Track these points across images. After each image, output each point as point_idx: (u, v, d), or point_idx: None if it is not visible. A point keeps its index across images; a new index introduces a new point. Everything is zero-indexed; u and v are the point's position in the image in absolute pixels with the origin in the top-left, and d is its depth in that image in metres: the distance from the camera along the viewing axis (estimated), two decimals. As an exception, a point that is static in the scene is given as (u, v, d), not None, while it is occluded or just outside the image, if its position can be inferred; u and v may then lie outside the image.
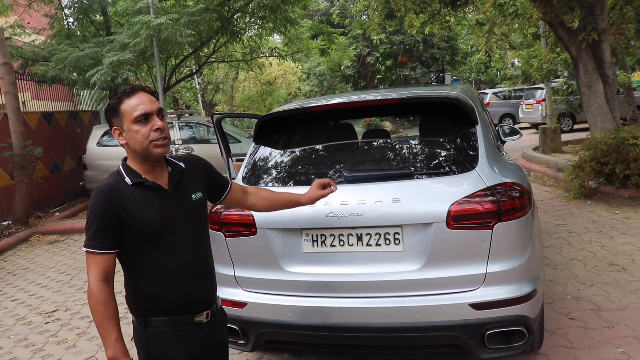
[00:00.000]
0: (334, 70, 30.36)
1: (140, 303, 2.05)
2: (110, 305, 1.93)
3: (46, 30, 13.54)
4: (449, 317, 2.76)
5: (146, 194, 2.00)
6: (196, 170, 2.19)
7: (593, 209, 7.34)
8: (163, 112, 2.01)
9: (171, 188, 2.05)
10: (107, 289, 1.94)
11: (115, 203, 1.95)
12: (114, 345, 1.90)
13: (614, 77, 9.30)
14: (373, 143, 3.78)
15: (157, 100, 2.04)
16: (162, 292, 2.01)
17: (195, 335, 2.06)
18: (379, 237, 2.86)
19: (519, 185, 2.90)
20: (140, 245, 1.99)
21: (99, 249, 1.95)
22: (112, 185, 1.99)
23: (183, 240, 2.03)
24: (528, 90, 20.93)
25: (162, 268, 2.00)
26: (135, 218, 1.95)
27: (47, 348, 4.47)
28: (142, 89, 2.01)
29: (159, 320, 2.02)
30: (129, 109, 1.96)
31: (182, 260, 2.02)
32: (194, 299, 2.07)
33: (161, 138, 1.96)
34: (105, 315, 1.91)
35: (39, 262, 7.53)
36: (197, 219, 2.10)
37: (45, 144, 10.73)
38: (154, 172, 2.04)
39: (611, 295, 4.36)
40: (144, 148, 1.96)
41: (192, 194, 2.10)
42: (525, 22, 12.61)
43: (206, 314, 2.09)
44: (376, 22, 12.57)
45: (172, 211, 2.01)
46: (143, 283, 2.03)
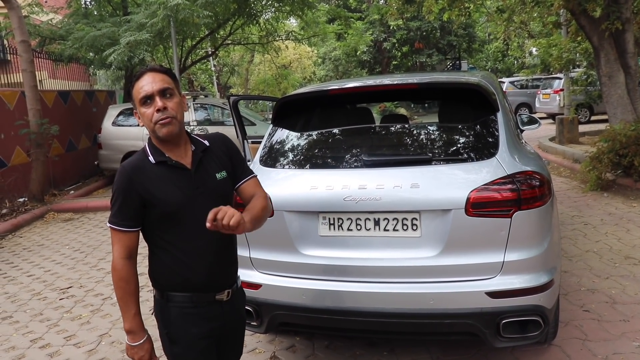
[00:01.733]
0: (349, 55, 30.14)
1: (163, 279, 2.07)
2: (132, 282, 2.01)
3: (63, 9, 13.56)
4: (465, 305, 2.75)
5: (169, 173, 1.99)
6: (220, 148, 2.15)
7: (610, 202, 7.26)
8: (169, 89, 1.96)
9: (194, 167, 2.03)
10: (129, 266, 2.01)
11: (138, 182, 1.96)
12: (132, 319, 2.01)
13: (636, 67, 9.13)
14: (391, 128, 3.75)
15: (170, 78, 2.00)
16: (185, 269, 2.02)
17: (216, 312, 2.08)
18: (397, 223, 2.84)
19: (539, 174, 2.86)
20: (163, 223, 2.00)
21: (122, 226, 1.99)
22: (135, 164, 1.99)
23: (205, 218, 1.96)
24: (545, 79, 20.66)
25: (185, 246, 2.01)
26: (157, 197, 1.96)
27: (61, 323, 4.52)
28: (152, 69, 1.99)
29: (181, 295, 2.04)
30: (136, 92, 1.97)
31: (206, 239, 2.00)
32: (216, 277, 2.07)
33: (163, 118, 1.93)
34: (126, 291, 2.00)
35: (53, 239, 7.61)
36: (221, 198, 2.06)
37: (61, 123, 10.79)
38: (178, 151, 2.02)
39: (627, 289, 4.32)
40: (151, 130, 1.97)
41: (217, 173, 2.08)
42: (546, 10, 12.38)
43: (227, 293, 2.10)
44: (394, 7, 12.46)
45: (195, 190, 2.00)
46: (166, 260, 2.04)
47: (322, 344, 3.74)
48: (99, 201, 9.79)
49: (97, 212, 9.31)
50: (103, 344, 4.08)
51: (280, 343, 3.83)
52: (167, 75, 2.00)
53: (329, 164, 3.24)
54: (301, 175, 3.14)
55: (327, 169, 3.17)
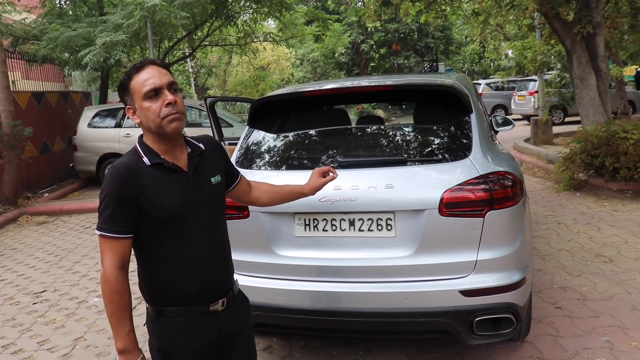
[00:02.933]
0: (327, 57, 30.24)
1: (155, 292, 1.94)
2: (126, 295, 1.83)
3: (37, 9, 13.35)
4: (439, 304, 2.79)
5: (165, 176, 1.87)
6: (215, 152, 2.07)
7: (582, 201, 7.41)
8: (176, 85, 1.88)
9: (191, 170, 1.92)
10: (123, 277, 1.84)
11: (134, 184, 1.82)
12: (126, 337, 1.83)
13: (607, 70, 9.33)
14: (367, 129, 3.78)
15: (169, 73, 1.90)
16: (178, 281, 1.89)
17: (211, 324, 1.96)
18: (372, 223, 2.87)
19: (511, 174, 2.91)
20: (156, 231, 1.87)
21: (115, 232, 1.81)
22: (130, 165, 1.85)
23: (202, 226, 1.92)
24: (521, 81, 20.97)
25: (178, 256, 1.88)
26: (153, 202, 1.83)
27: (35, 328, 4.46)
28: (152, 62, 1.88)
29: (173, 310, 1.91)
30: (138, 85, 1.83)
31: (200, 248, 1.91)
32: (210, 288, 1.95)
33: (173, 113, 1.82)
34: (120, 306, 1.81)
35: (27, 242, 7.50)
36: (217, 204, 1.99)
37: (35, 124, 10.62)
38: (173, 153, 1.91)
39: (597, 286, 4.41)
40: (157, 125, 1.84)
41: (212, 177, 1.99)
42: (521, 14, 12.57)
43: (222, 302, 1.98)
44: (372, 10, 12.52)
45: (192, 195, 1.90)
46: (158, 271, 1.91)
47: (299, 345, 3.76)
48: (74, 204, 9.66)
49: (72, 215, 9.19)
50: (78, 347, 4.04)
51: (257, 344, 3.81)
52: (168, 70, 1.92)
53: (304, 165, 3.25)
54: (277, 177, 3.14)
55: (303, 170, 3.17)
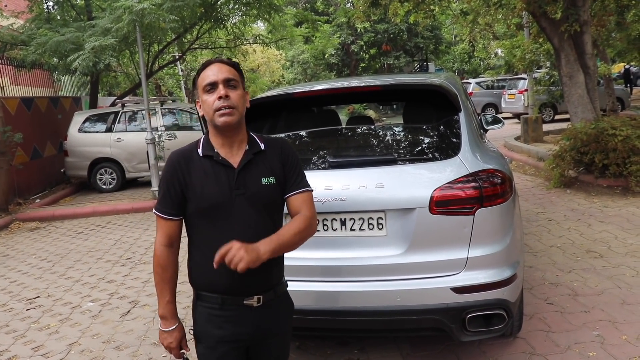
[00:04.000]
0: (317, 58, 30.27)
1: (194, 275, 2.06)
2: (169, 269, 2.03)
3: (25, 14, 13.28)
4: (431, 301, 2.81)
5: (213, 168, 1.97)
6: (276, 154, 2.08)
7: (572, 198, 7.47)
8: (234, 80, 1.96)
9: (239, 167, 1.97)
10: (168, 253, 2.03)
11: (181, 171, 1.97)
12: (165, 306, 2.04)
13: (594, 68, 9.41)
14: (357, 129, 3.81)
15: (235, 71, 2.00)
16: (211, 270, 1.91)
17: (244, 317, 2.01)
18: (363, 222, 2.89)
19: (500, 172, 2.94)
20: (197, 218, 1.99)
21: (163, 213, 2.00)
22: (184, 153, 2.01)
23: (240, 222, 1.96)
24: (511, 80, 21.09)
25: (213, 246, 1.88)
26: (195, 189, 1.95)
27: (29, 334, 4.44)
28: (219, 61, 2.01)
29: (209, 296, 2.01)
30: (201, 80, 1.98)
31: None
32: (242, 282, 1.96)
33: (224, 107, 1.91)
34: (162, 278, 2.03)
35: (19, 249, 7.46)
36: (263, 204, 2.00)
37: (25, 130, 10.58)
38: (230, 148, 2.00)
39: (588, 281, 4.46)
40: (210, 118, 1.96)
41: (264, 177, 2.01)
42: (509, 12, 12.64)
43: (257, 299, 2.00)
44: (361, 10, 12.54)
45: (234, 191, 1.95)
46: (196, 257, 2.04)
47: (293, 345, 3.77)
48: (66, 209, 9.63)
49: (65, 221, 9.16)
50: (72, 352, 4.03)
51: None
52: (234, 68, 2.01)
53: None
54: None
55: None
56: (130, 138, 11.43)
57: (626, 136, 7.19)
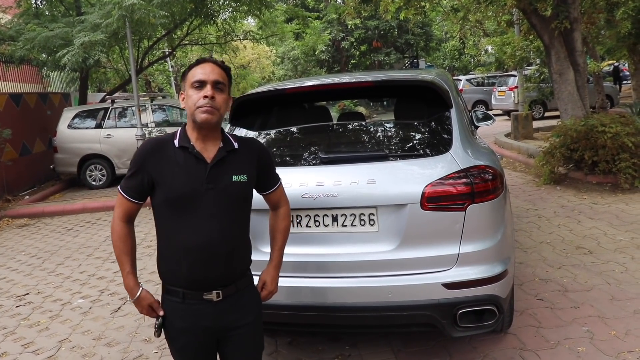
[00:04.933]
0: (308, 55, 30.18)
1: (161, 268, 2.14)
2: (128, 242, 2.11)
3: (12, 9, 13.15)
4: (422, 297, 2.82)
5: (186, 160, 2.02)
6: (249, 153, 2.16)
7: (562, 194, 7.51)
8: (222, 84, 2.04)
9: (213, 162, 2.03)
10: (126, 227, 2.12)
11: (152, 160, 2.02)
12: (126, 277, 2.11)
13: (584, 65, 9.47)
14: (348, 125, 3.80)
15: (225, 75, 2.07)
16: (175, 262, 2.05)
17: (205, 311, 2.06)
18: (354, 218, 2.89)
19: (491, 168, 2.95)
20: (165, 208, 2.04)
21: (125, 193, 2.08)
22: (160, 141, 2.08)
23: (206, 216, 2.01)
24: (501, 77, 21.19)
25: (178, 238, 2.03)
26: (165, 179, 2.01)
27: (18, 331, 4.41)
28: (213, 61, 2.07)
29: (172, 289, 2.09)
30: (191, 75, 2.03)
31: (200, 237, 2.00)
32: (204, 277, 2.04)
33: (207, 106, 1.97)
34: (122, 250, 2.10)
35: (8, 245, 7.41)
36: (231, 201, 2.06)
37: (14, 126, 10.49)
38: (204, 143, 2.05)
39: (578, 277, 4.49)
40: (191, 112, 2.01)
41: (234, 175, 2.07)
42: (499, 9, 12.66)
43: (216, 294, 2.05)
44: (351, 7, 12.55)
45: (205, 185, 2.00)
46: (162, 249, 2.11)
47: (284, 341, 3.77)
48: (55, 206, 9.56)
49: (54, 217, 9.09)
50: (63, 349, 4.01)
51: (243, 342, 3.83)
52: (225, 72, 2.08)
53: (286, 162, 3.26)
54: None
55: (285, 167, 3.18)
56: (120, 134, 11.36)
57: (615, 133, 7.25)
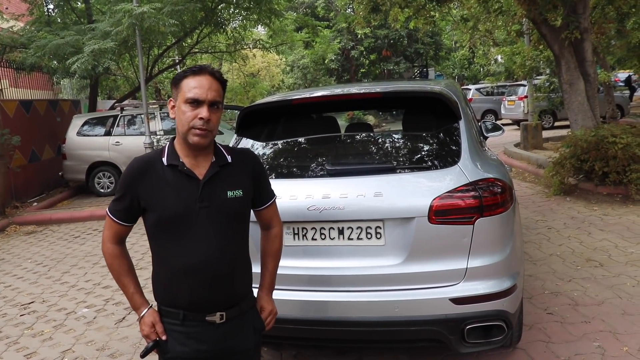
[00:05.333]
0: (317, 63, 30.22)
1: (156, 290, 2.03)
2: (124, 262, 2.02)
3: (25, 17, 13.29)
4: (430, 312, 2.77)
5: (177, 179, 1.92)
6: (244, 166, 2.06)
7: (572, 206, 7.43)
8: (219, 103, 1.92)
9: (205, 179, 1.93)
10: (119, 247, 2.02)
11: (141, 182, 1.92)
12: (132, 297, 2.01)
13: (594, 75, 9.39)
14: (356, 136, 3.77)
15: (222, 89, 1.95)
16: (174, 285, 1.94)
17: (207, 334, 1.95)
18: (361, 231, 2.85)
19: (500, 181, 2.90)
20: (158, 230, 1.94)
21: (114, 216, 1.98)
22: (147, 160, 1.97)
23: (203, 236, 1.91)
24: (510, 86, 21.09)
25: (175, 260, 1.92)
26: (157, 200, 1.91)
27: (22, 341, 4.39)
28: (212, 73, 1.92)
29: (171, 312, 1.97)
30: (186, 87, 1.89)
31: (196, 257, 1.90)
32: (204, 299, 1.94)
33: (202, 129, 1.87)
34: (121, 271, 2.01)
35: (15, 252, 7.41)
36: (228, 217, 1.96)
37: (24, 133, 10.54)
38: (196, 159, 1.95)
39: (588, 291, 4.41)
40: (183, 131, 1.90)
41: (229, 190, 1.96)
42: (509, 19, 12.67)
43: (220, 315, 1.95)
44: (361, 16, 12.54)
45: (198, 203, 1.90)
46: (158, 271, 2.01)
47: (290, 354, 3.72)
48: (63, 213, 9.58)
49: (62, 224, 9.11)
50: (66, 360, 3.99)
51: (247, 354, 3.79)
52: (222, 86, 1.95)
53: (293, 173, 3.23)
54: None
55: (291, 178, 3.16)
56: (129, 142, 11.39)
57: (626, 144, 7.17)
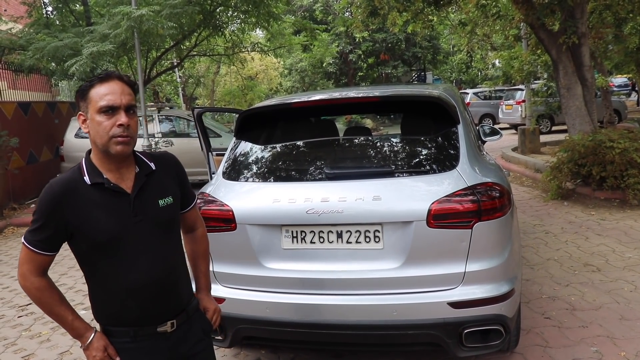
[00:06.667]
0: (315, 67, 30.28)
1: (98, 311, 1.92)
2: (53, 291, 1.85)
3: (24, 19, 13.26)
4: (428, 316, 2.77)
5: (105, 198, 1.81)
6: (168, 171, 2.00)
7: (570, 210, 7.45)
8: (134, 107, 1.82)
9: (134, 192, 1.85)
10: (44, 279, 1.84)
11: (66, 206, 1.77)
12: (72, 326, 1.87)
13: (592, 80, 9.42)
14: (354, 140, 3.78)
15: (133, 92, 1.84)
16: (119, 304, 1.86)
17: (160, 345, 1.91)
18: (359, 235, 2.85)
19: (499, 185, 2.91)
20: (94, 254, 1.83)
21: (36, 247, 1.79)
22: (66, 184, 1.80)
23: (143, 250, 1.85)
24: (508, 91, 21.14)
25: (118, 280, 1.83)
26: (88, 224, 1.78)
27: (19, 342, 4.39)
28: (119, 77, 1.81)
29: (119, 330, 1.88)
30: (97, 96, 1.76)
31: (141, 273, 1.84)
32: (153, 312, 1.89)
33: (124, 136, 1.76)
34: (54, 303, 1.85)
35: (13, 254, 7.40)
36: (163, 227, 1.91)
37: (22, 135, 10.53)
38: (119, 172, 1.85)
39: (586, 295, 4.42)
40: (103, 143, 1.77)
41: (160, 199, 1.91)
42: (507, 24, 12.70)
43: (171, 324, 1.93)
44: (359, 20, 12.57)
45: (133, 219, 1.83)
46: (100, 293, 1.89)
47: (287, 357, 3.72)
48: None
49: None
50: (63, 362, 3.98)
51: (245, 357, 3.80)
52: (133, 89, 1.85)
53: (291, 177, 3.24)
54: (264, 189, 3.13)
55: (290, 182, 3.17)
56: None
57: (624, 149, 7.18)
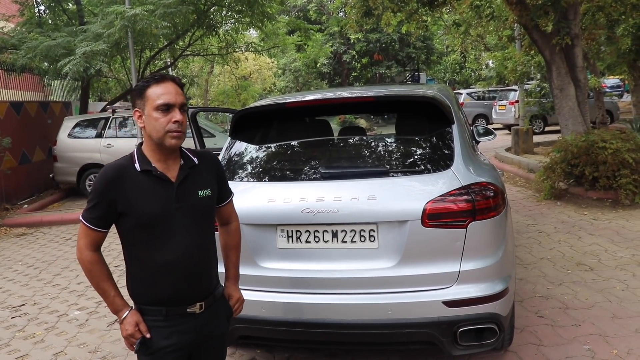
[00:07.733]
0: (309, 67, 30.30)
1: (135, 290, 2.11)
2: (103, 266, 2.07)
3: (16, 18, 13.20)
4: (422, 315, 2.79)
5: (152, 184, 2.02)
6: (209, 167, 2.21)
7: (563, 210, 7.49)
8: (185, 106, 2.05)
9: (178, 181, 2.06)
10: (96, 253, 2.06)
11: (117, 188, 1.99)
12: (113, 302, 2.08)
13: (585, 81, 9.48)
14: (349, 140, 3.79)
15: (183, 93, 2.07)
16: (155, 283, 2.05)
17: (188, 325, 2.09)
18: (354, 234, 2.87)
19: (493, 185, 2.93)
20: (136, 233, 2.03)
21: (90, 223, 2.02)
22: (119, 168, 2.03)
23: (181, 235, 2.05)
24: (502, 91, 21.22)
25: (154, 260, 2.03)
26: (134, 206, 1.99)
27: (13, 343, 4.37)
28: (173, 79, 2.05)
29: (152, 309, 2.07)
30: (154, 95, 1.99)
31: (176, 255, 2.03)
32: (185, 292, 2.08)
33: (178, 131, 1.99)
34: (101, 277, 2.06)
35: (5, 255, 7.36)
36: (201, 216, 2.12)
37: (14, 135, 10.48)
38: (166, 163, 2.07)
39: (579, 294, 4.45)
40: (159, 137, 2.00)
41: (200, 190, 2.12)
42: (501, 24, 12.78)
43: (199, 305, 2.11)
44: (353, 20, 12.57)
45: (174, 204, 2.03)
46: (137, 272, 2.09)
47: (282, 357, 3.73)
48: (54, 215, 9.52)
49: (53, 227, 9.05)
50: (57, 362, 3.97)
51: (240, 356, 3.80)
52: (182, 90, 2.09)
53: (287, 176, 3.25)
54: (259, 188, 3.14)
55: (285, 181, 3.18)
56: (121, 144, 11.32)
57: (616, 149, 7.24)
